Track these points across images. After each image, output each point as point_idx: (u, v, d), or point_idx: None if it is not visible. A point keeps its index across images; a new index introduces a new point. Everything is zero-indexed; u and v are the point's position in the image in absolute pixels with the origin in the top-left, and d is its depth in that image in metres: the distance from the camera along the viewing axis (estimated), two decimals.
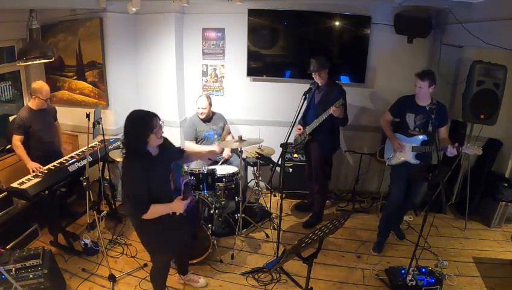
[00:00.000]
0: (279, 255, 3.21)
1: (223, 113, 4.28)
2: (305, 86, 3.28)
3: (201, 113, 4.01)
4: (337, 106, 3.31)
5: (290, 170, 3.74)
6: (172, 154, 2.43)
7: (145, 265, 3.19)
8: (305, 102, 3.15)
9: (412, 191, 3.34)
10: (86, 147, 3.26)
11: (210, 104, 4.04)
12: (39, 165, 3.24)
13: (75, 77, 4.16)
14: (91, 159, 3.39)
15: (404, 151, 3.17)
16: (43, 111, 3.47)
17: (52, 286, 2.64)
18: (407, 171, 3.22)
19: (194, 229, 2.79)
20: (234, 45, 4.40)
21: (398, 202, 3.32)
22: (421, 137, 3.11)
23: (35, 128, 3.40)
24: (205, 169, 3.38)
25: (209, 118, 4.10)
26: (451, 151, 2.86)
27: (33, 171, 3.17)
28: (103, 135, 3.36)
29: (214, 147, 3.97)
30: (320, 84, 3.61)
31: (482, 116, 3.53)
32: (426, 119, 3.03)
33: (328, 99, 3.44)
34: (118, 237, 3.61)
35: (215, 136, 4.08)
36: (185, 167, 3.64)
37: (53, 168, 3.32)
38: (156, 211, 2.21)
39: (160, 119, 2.27)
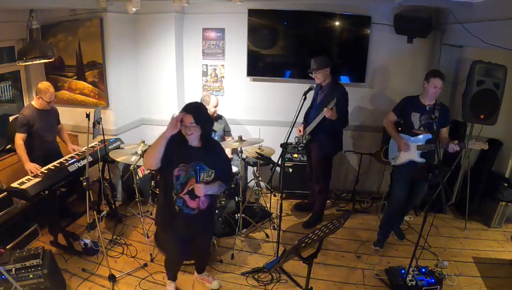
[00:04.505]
0: (279, 255, 3.21)
1: (223, 113, 4.28)
2: (305, 86, 3.27)
3: (214, 112, 3.99)
4: (330, 108, 3.31)
5: (290, 170, 3.73)
6: (206, 158, 2.39)
7: (145, 265, 3.19)
8: (305, 102, 3.15)
9: (413, 192, 3.34)
10: (86, 147, 3.26)
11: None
12: (37, 166, 3.23)
13: (75, 77, 4.16)
14: (91, 159, 3.39)
15: (409, 151, 3.17)
16: (46, 111, 3.47)
17: (52, 286, 2.64)
18: (410, 172, 3.23)
19: (206, 231, 2.77)
20: (234, 45, 4.41)
21: (400, 202, 3.32)
22: (425, 135, 3.12)
23: (38, 127, 3.40)
24: None
25: (216, 118, 4.10)
26: (452, 147, 2.93)
27: (31, 173, 3.16)
28: (103, 135, 3.36)
29: None
30: (322, 85, 3.61)
31: (482, 116, 3.53)
32: (430, 119, 3.04)
33: (329, 100, 3.43)
34: (118, 237, 3.60)
35: (216, 138, 4.06)
36: None
37: (53, 168, 3.32)
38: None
39: (193, 120, 2.26)
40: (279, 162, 3.16)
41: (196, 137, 2.34)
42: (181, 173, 2.36)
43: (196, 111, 2.28)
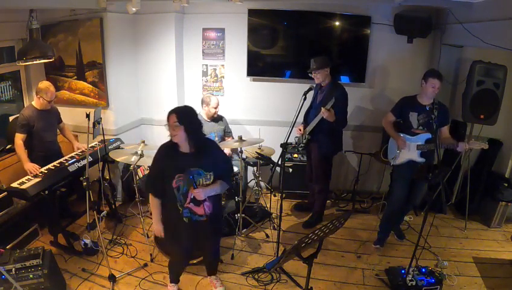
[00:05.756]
0: (279, 255, 3.21)
1: (223, 113, 4.28)
2: (305, 86, 3.27)
3: (214, 113, 3.99)
4: (327, 109, 3.30)
5: (290, 170, 3.73)
6: (200, 162, 2.37)
7: (145, 265, 3.19)
8: (305, 102, 3.15)
9: (413, 192, 3.34)
10: (86, 147, 3.26)
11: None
12: (36, 167, 3.23)
13: (75, 77, 4.16)
14: (91, 159, 3.39)
15: (409, 150, 3.17)
16: (46, 111, 3.47)
17: (52, 286, 2.64)
18: (410, 172, 3.22)
19: (214, 235, 2.73)
20: (234, 45, 4.41)
21: (400, 202, 3.32)
22: (425, 135, 3.12)
23: (38, 127, 3.40)
24: None
25: (216, 119, 4.09)
26: (462, 147, 2.95)
27: (30, 173, 3.16)
28: (103, 135, 3.36)
29: None
30: (322, 85, 3.60)
31: (482, 116, 3.53)
32: (428, 118, 3.04)
33: (328, 100, 3.43)
34: (118, 237, 3.60)
35: (216, 139, 4.06)
36: None
37: (53, 168, 3.32)
38: (152, 204, 2.50)
39: (176, 120, 2.25)
40: (279, 162, 3.16)
41: (183, 140, 2.30)
42: (180, 184, 2.36)
43: (181, 112, 2.29)
